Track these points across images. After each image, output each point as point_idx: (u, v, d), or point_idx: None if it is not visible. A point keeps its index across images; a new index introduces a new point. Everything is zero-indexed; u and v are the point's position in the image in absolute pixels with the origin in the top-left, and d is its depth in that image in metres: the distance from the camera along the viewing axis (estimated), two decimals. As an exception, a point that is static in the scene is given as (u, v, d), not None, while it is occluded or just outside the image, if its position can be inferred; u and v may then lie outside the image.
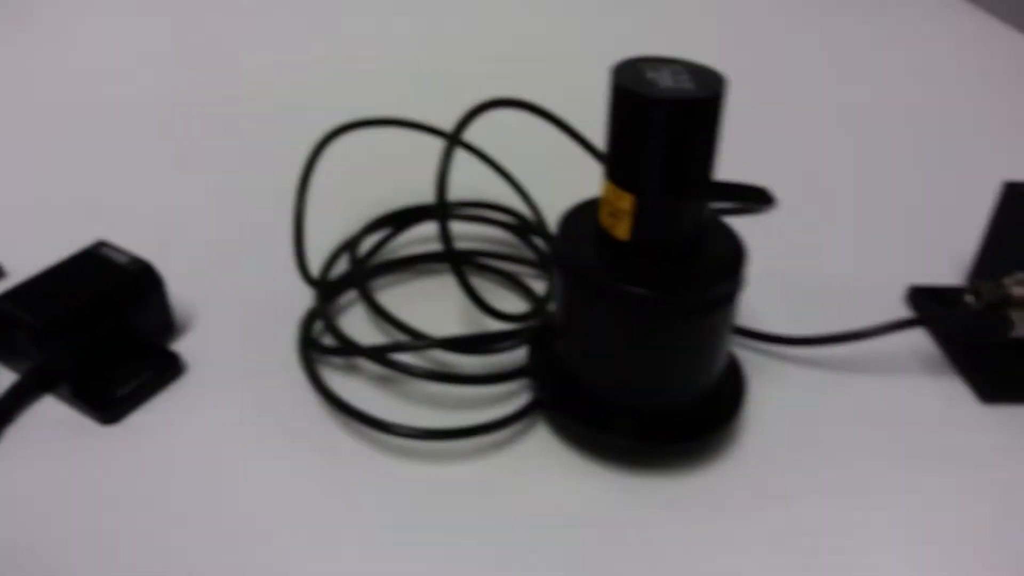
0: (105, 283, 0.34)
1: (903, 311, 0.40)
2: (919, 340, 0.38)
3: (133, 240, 0.38)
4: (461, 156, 0.40)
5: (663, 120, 0.26)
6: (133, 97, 0.56)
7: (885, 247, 0.44)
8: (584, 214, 0.31)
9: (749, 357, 0.36)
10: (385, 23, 0.69)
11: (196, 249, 0.41)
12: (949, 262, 0.42)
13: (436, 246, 0.41)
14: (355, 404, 0.32)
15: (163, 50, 0.63)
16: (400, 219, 0.41)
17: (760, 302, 0.39)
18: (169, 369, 0.34)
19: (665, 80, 0.26)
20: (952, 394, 0.35)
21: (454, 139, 0.33)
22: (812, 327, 0.37)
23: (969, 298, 0.36)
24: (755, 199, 0.31)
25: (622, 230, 0.28)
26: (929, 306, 0.38)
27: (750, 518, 0.30)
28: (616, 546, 0.28)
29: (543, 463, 0.31)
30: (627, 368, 0.30)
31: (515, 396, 0.33)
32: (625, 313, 0.28)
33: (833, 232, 0.45)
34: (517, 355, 0.35)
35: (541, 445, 0.32)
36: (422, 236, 0.43)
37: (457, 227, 0.43)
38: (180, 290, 0.38)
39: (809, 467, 0.32)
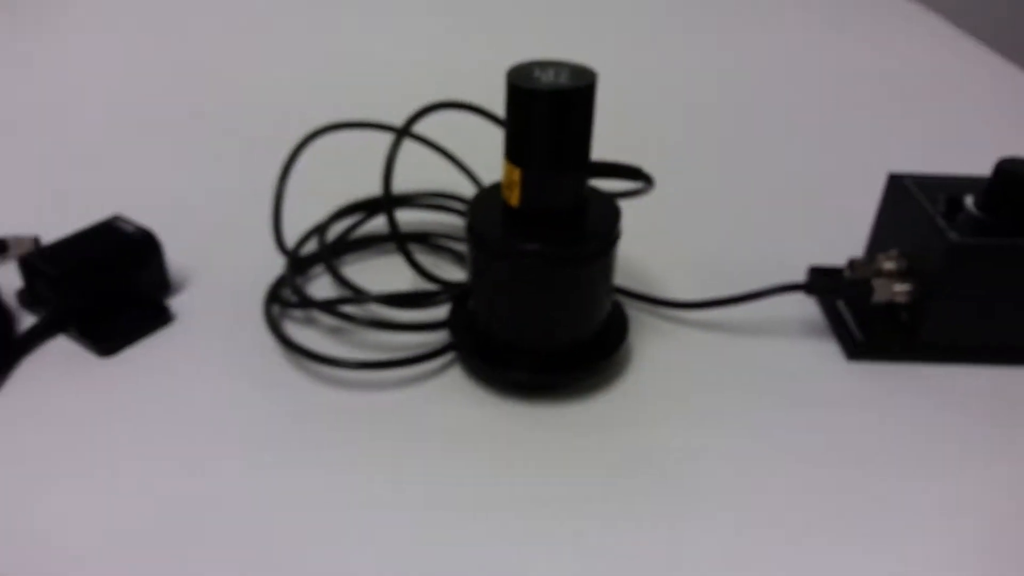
0: (113, 246, 0.41)
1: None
2: (810, 310, 0.44)
3: (145, 218, 0.46)
4: (426, 153, 0.47)
5: (536, 107, 0.32)
6: (146, 103, 0.64)
7: (796, 233, 0.50)
8: (492, 192, 0.37)
9: (649, 320, 0.42)
10: (377, 29, 0.77)
11: (197, 228, 0.48)
12: (853, 245, 0.47)
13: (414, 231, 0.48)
14: (305, 345, 0.38)
15: (164, 58, 0.71)
16: (367, 207, 0.48)
17: (673, 279, 0.45)
18: (159, 318, 0.41)
19: (546, 77, 0.33)
20: (824, 352, 0.41)
21: (401, 133, 0.39)
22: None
23: (846, 271, 0.42)
24: (631, 176, 0.37)
25: (514, 198, 0.35)
26: (829, 285, 0.44)
27: (617, 439, 0.35)
28: (509, 459, 0.34)
29: (455, 397, 0.37)
30: (521, 315, 0.36)
31: (441, 345, 0.40)
32: (515, 266, 0.35)
33: (749, 218, 0.51)
34: (444, 311, 0.41)
35: (455, 384, 0.38)
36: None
37: (418, 214, 0.50)
38: (179, 258, 0.45)
39: (678, 402, 0.37)
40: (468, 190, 0.50)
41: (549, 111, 0.32)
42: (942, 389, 0.39)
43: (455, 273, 0.45)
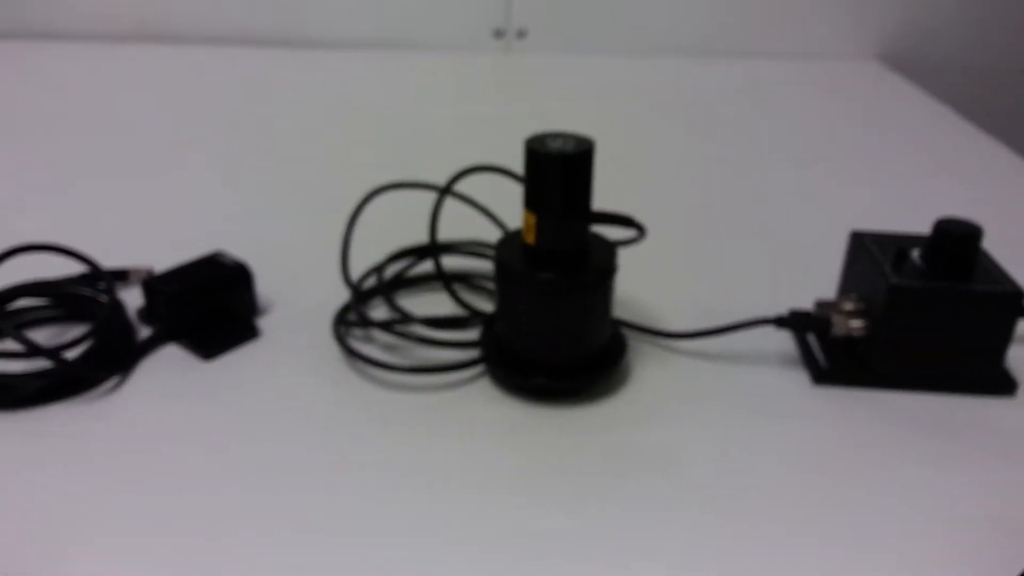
0: (214, 274, 0.51)
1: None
2: (786, 345, 0.52)
3: (241, 253, 0.56)
4: (467, 207, 0.57)
5: (548, 167, 0.42)
6: (239, 154, 0.76)
7: (781, 282, 0.58)
8: (515, 235, 0.47)
9: (647, 348, 0.51)
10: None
11: (283, 265, 0.58)
12: (829, 291, 0.55)
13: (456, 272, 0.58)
14: (364, 353, 0.48)
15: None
16: (418, 252, 0.58)
17: (672, 316, 0.54)
18: (249, 333, 0.51)
19: (555, 144, 0.43)
20: (794, 378, 0.49)
21: (444, 192, 0.50)
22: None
23: (814, 310, 0.50)
24: (625, 224, 0.46)
25: (531, 238, 0.44)
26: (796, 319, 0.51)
27: (612, 437, 0.44)
28: (523, 446, 0.43)
29: (483, 399, 0.46)
30: (536, 332, 0.45)
31: (473, 359, 0.49)
32: (532, 291, 0.44)
33: (741, 270, 0.60)
34: (477, 333, 0.51)
35: (484, 390, 0.47)
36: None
37: (460, 259, 0.59)
38: (267, 288, 0.55)
39: (666, 412, 0.46)
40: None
41: (558, 170, 0.42)
42: (889, 410, 0.46)
43: (487, 305, 0.54)
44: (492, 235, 0.60)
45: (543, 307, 0.44)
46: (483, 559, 0.37)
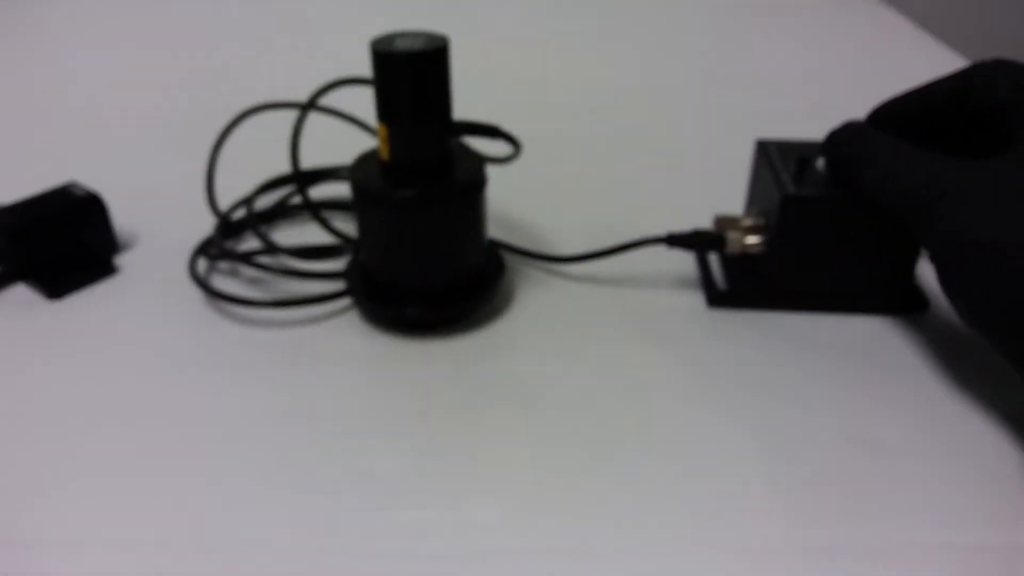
0: (63, 206, 0.47)
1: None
2: (687, 266, 0.48)
3: (102, 188, 0.51)
4: (358, 132, 0.53)
5: (394, 68, 0.38)
6: (118, 93, 0.71)
7: (686, 198, 0.54)
8: (373, 153, 0.42)
9: (533, 274, 0.47)
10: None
11: (147, 199, 0.54)
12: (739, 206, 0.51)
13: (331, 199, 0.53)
14: (224, 290, 0.44)
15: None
16: (299, 179, 0.53)
17: (572, 241, 0.50)
18: (103, 270, 0.47)
19: (404, 43, 0.38)
20: (689, 301, 0.45)
21: (305, 108, 0.45)
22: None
23: (713, 227, 0.46)
24: (491, 134, 0.41)
25: (384, 153, 0.40)
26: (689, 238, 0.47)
27: (485, 368, 0.40)
28: (386, 380, 0.39)
29: (347, 332, 0.42)
30: (397, 256, 0.41)
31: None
32: (388, 211, 0.40)
33: (641, 181, 0.56)
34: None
35: (350, 323, 0.43)
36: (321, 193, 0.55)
37: (343, 186, 0.55)
38: (133, 221, 0.51)
39: (545, 340, 0.42)
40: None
41: (405, 71, 0.37)
42: (783, 332, 0.42)
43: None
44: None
45: (402, 228, 0.40)
46: (310, 502, 0.33)
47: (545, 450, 0.36)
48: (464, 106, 0.45)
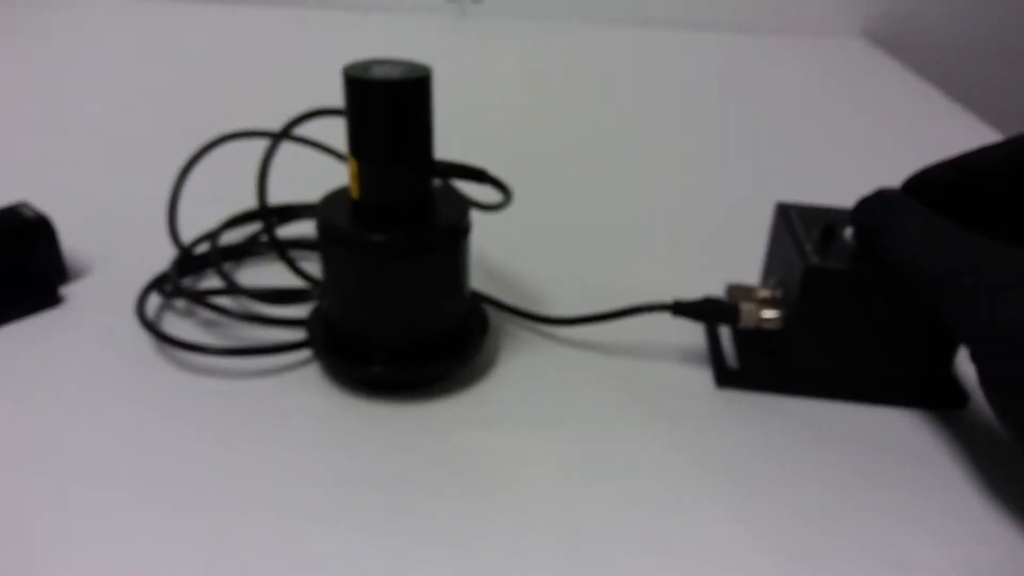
0: (8, 228, 0.43)
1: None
2: (695, 339, 0.42)
3: (58, 211, 0.47)
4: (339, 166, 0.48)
5: (368, 98, 0.33)
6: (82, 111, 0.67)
7: (695, 262, 0.49)
8: (344, 191, 0.38)
9: (524, 335, 0.42)
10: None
11: (107, 226, 0.50)
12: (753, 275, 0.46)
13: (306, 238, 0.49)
14: (172, 334, 0.39)
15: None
16: (266, 214, 0.48)
17: (568, 301, 0.45)
18: (47, 299, 0.42)
19: (381, 71, 0.34)
20: (695, 378, 0.40)
21: (277, 138, 0.40)
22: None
23: (724, 296, 0.41)
24: (478, 178, 0.37)
25: (354, 191, 0.35)
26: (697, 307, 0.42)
27: (452, 440, 0.35)
28: (350, 451, 0.34)
29: (308, 391, 0.37)
30: (359, 306, 0.36)
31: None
32: (353, 255, 0.35)
33: (646, 240, 0.52)
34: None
35: (312, 380, 0.38)
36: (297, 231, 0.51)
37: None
38: (82, 249, 0.47)
39: (528, 410, 0.37)
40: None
41: (380, 101, 0.33)
42: (800, 422, 0.37)
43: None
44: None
45: (369, 276, 0.35)
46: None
47: (511, 540, 0.30)
48: (456, 147, 0.41)
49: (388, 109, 0.33)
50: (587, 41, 1.00)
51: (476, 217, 0.38)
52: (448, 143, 0.41)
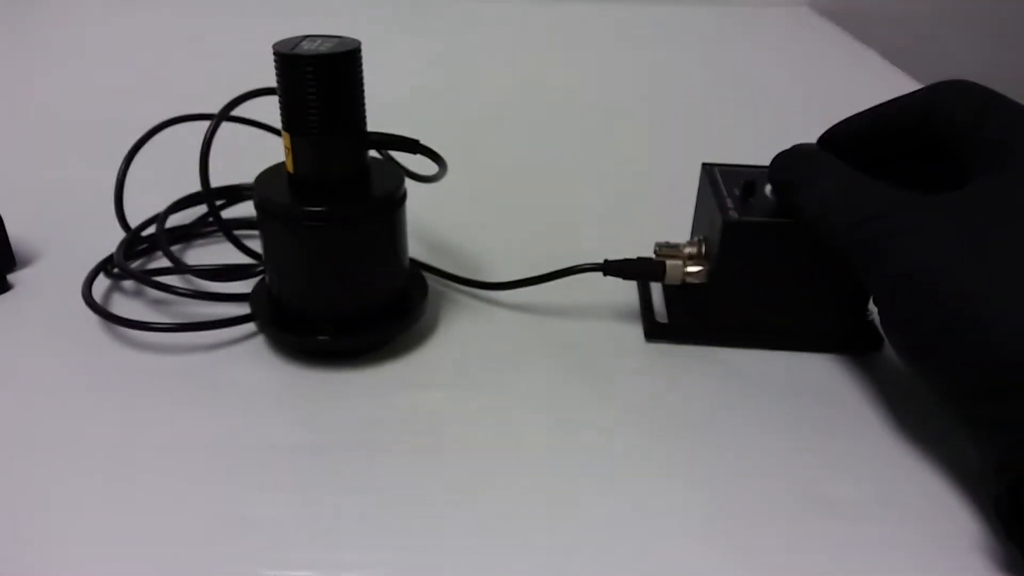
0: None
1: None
2: (629, 297, 0.44)
3: (2, 198, 0.48)
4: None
5: (295, 72, 0.34)
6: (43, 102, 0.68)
7: (632, 225, 0.50)
8: (280, 167, 0.39)
9: (463, 300, 0.44)
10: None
11: (55, 212, 0.51)
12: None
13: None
14: (119, 313, 0.40)
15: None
16: (208, 195, 0.49)
17: (502, 265, 0.46)
18: (-7, 286, 0.43)
19: (310, 46, 0.35)
20: (626, 333, 0.41)
21: (218, 120, 0.41)
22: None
23: (654, 254, 0.42)
24: (410, 149, 0.38)
25: (290, 165, 0.36)
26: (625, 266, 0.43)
27: (400, 403, 0.36)
28: (294, 417, 0.36)
29: (249, 362, 0.39)
30: (303, 280, 0.37)
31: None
32: (289, 228, 0.36)
33: (584, 205, 0.54)
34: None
35: (255, 352, 0.39)
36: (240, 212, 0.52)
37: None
38: (30, 238, 0.47)
39: (464, 371, 0.38)
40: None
41: (308, 75, 0.34)
42: (721, 369, 0.39)
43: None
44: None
45: (306, 248, 0.37)
46: (171, 550, 0.29)
47: (451, 496, 0.32)
48: (392, 121, 0.42)
49: (317, 82, 0.34)
50: (527, 14, 1.02)
51: (418, 189, 0.39)
52: (385, 117, 0.42)
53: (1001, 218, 0.30)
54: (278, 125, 0.36)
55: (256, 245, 0.45)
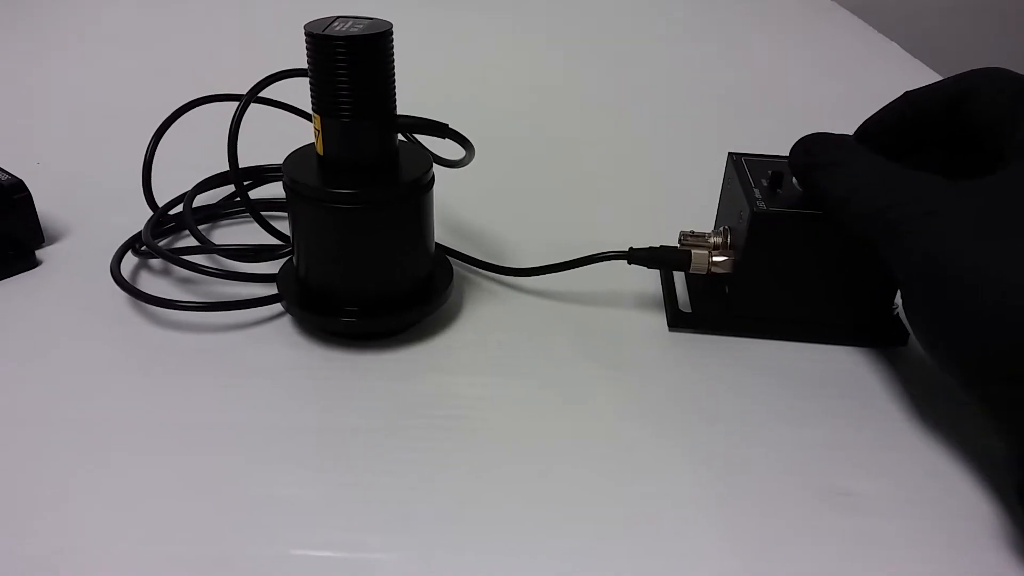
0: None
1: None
2: (652, 284, 0.44)
3: (34, 175, 0.48)
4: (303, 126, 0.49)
5: (327, 53, 0.34)
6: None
7: (657, 213, 0.50)
8: (309, 148, 0.39)
9: (488, 285, 0.44)
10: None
11: (84, 191, 0.51)
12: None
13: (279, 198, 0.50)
14: (147, 291, 0.40)
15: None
16: (236, 175, 0.49)
17: (526, 250, 0.46)
18: (23, 262, 0.44)
19: (343, 27, 0.35)
20: (650, 322, 0.41)
21: (246, 101, 0.42)
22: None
23: (678, 243, 0.42)
24: (439, 133, 0.38)
25: (319, 147, 0.37)
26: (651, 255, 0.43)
27: (424, 387, 0.37)
28: (320, 398, 0.36)
29: (276, 343, 0.39)
30: (331, 261, 0.38)
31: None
32: (318, 210, 0.36)
33: (610, 193, 0.53)
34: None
35: (283, 333, 0.40)
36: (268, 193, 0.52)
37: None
38: (59, 213, 0.48)
39: (489, 356, 0.38)
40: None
41: (340, 56, 0.34)
42: (747, 359, 0.39)
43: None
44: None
45: (334, 230, 0.37)
46: (202, 528, 0.30)
47: (474, 480, 0.32)
48: (423, 107, 0.42)
49: (349, 64, 0.34)
50: (558, 1, 1.01)
51: (446, 176, 0.39)
52: (413, 102, 0.42)
53: None
54: (303, 107, 0.36)
55: (281, 226, 0.45)
